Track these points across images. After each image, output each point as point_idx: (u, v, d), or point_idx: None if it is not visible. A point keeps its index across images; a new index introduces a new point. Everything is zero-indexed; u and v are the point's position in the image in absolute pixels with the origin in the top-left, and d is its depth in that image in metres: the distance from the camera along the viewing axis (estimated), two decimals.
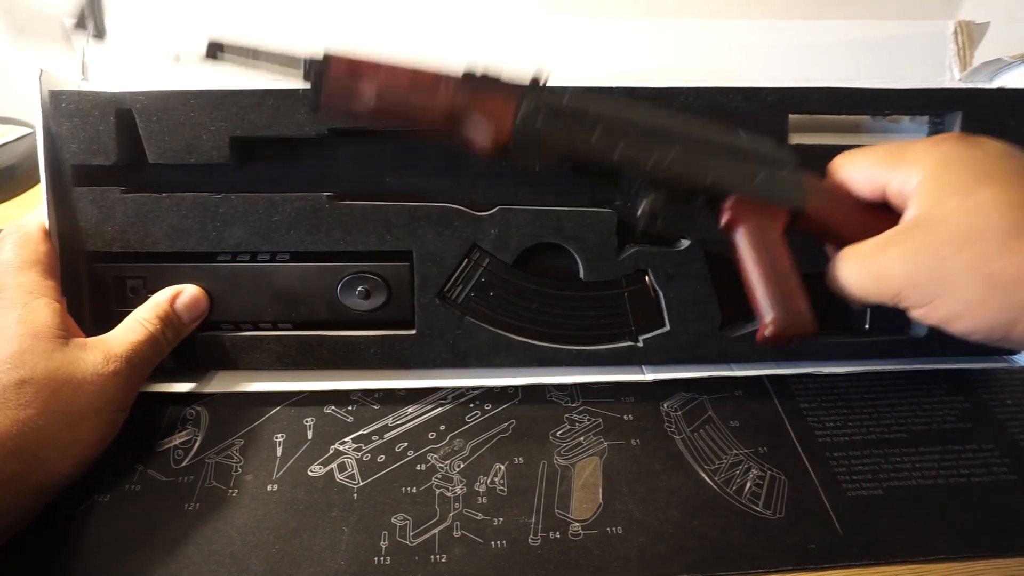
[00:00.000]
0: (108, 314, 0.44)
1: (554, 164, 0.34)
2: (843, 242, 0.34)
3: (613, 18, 0.49)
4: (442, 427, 0.42)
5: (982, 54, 0.49)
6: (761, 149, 0.36)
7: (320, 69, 0.32)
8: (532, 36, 0.49)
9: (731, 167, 0.35)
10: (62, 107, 0.41)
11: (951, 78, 0.49)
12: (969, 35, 0.49)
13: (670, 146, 0.34)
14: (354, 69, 0.33)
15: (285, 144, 0.43)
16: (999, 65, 0.47)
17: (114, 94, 0.41)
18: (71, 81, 0.46)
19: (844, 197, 0.35)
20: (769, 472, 0.39)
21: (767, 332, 0.34)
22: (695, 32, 0.49)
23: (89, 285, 0.43)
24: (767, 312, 0.34)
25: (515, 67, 0.34)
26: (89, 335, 0.38)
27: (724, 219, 0.36)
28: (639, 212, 0.35)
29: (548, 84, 0.34)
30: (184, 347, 0.43)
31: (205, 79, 0.43)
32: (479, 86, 0.33)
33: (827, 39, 0.49)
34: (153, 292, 0.43)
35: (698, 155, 0.35)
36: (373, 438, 0.41)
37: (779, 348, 0.38)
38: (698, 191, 0.35)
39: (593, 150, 0.34)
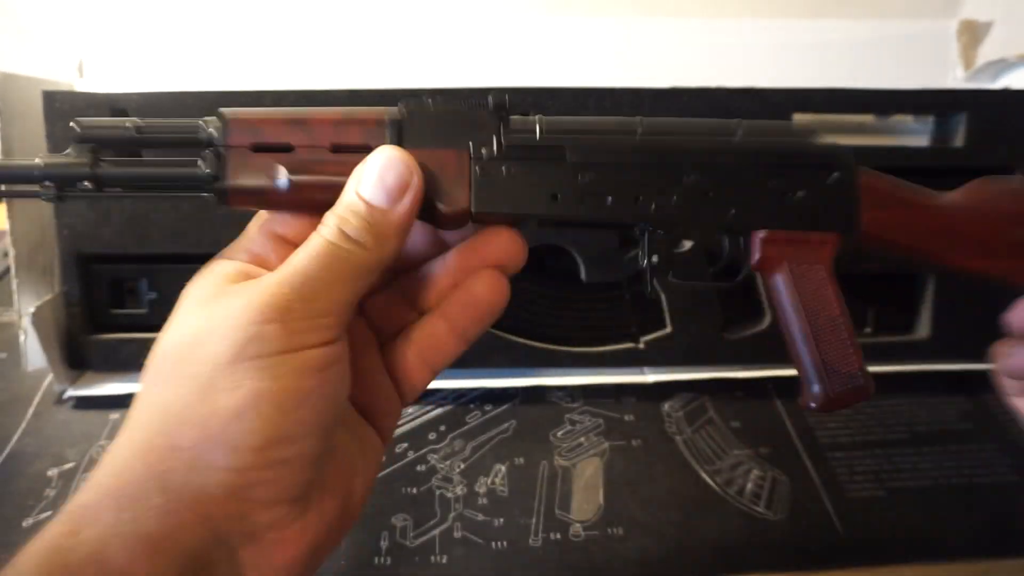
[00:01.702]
0: (106, 316, 0.43)
1: (534, 223, 0.27)
2: (932, 259, 0.28)
3: (613, 18, 0.49)
4: (442, 428, 0.42)
5: (985, 53, 0.48)
6: (798, 145, 0.28)
7: (219, 137, 0.24)
8: (532, 36, 0.49)
9: (754, 190, 0.27)
10: (56, 107, 0.40)
11: (955, 77, 0.49)
12: (972, 34, 0.49)
13: (674, 180, 0.26)
14: (261, 129, 0.24)
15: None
16: (1003, 65, 0.47)
17: (109, 95, 0.41)
18: (65, 81, 0.46)
19: (937, 204, 0.28)
20: (770, 473, 0.39)
21: (813, 403, 0.28)
22: (698, 32, 0.49)
23: (87, 287, 0.43)
24: (813, 381, 0.28)
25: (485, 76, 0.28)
26: (88, 339, 0.37)
27: (753, 261, 0.28)
28: (644, 264, 0.28)
29: (510, 116, 0.26)
30: None
31: (201, 80, 0.43)
32: (423, 136, 0.25)
33: (830, 38, 0.49)
34: (152, 293, 0.43)
35: (714, 182, 0.27)
36: None
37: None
38: (715, 231, 0.28)
39: (579, 199, 0.26)
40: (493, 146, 0.26)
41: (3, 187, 0.25)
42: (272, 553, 0.22)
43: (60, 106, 0.41)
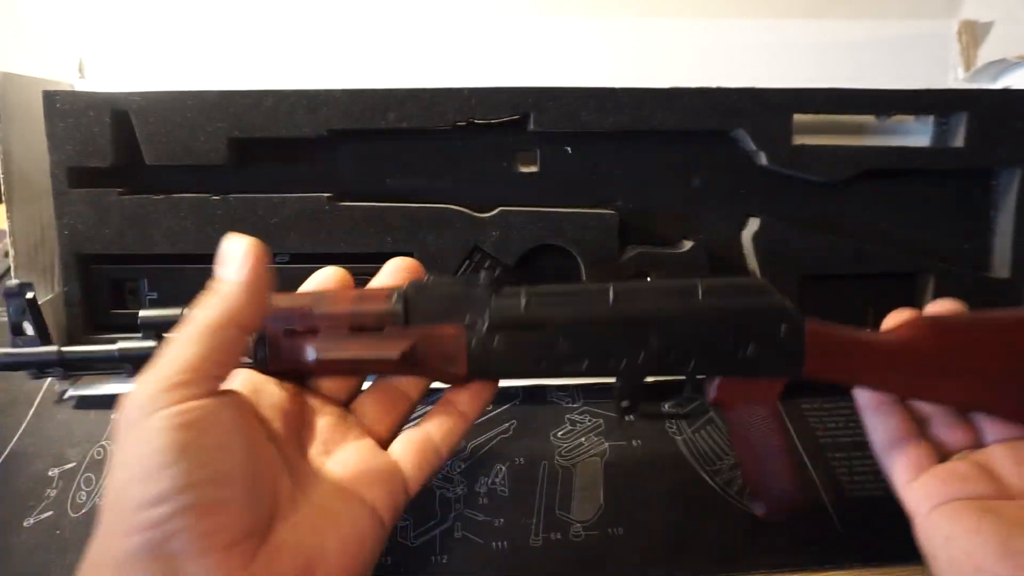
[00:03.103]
0: (106, 316, 0.43)
1: (525, 376, 0.31)
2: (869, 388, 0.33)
3: (613, 18, 0.49)
4: None
5: (985, 54, 0.48)
6: (750, 304, 0.31)
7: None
8: (532, 36, 0.49)
9: (712, 345, 0.30)
10: (56, 107, 0.41)
11: (955, 78, 0.49)
12: (972, 35, 0.49)
13: (641, 342, 0.30)
14: (291, 318, 0.30)
15: (284, 145, 0.42)
16: (1004, 65, 0.47)
17: (109, 94, 0.41)
18: (66, 81, 0.46)
19: (868, 344, 0.32)
20: None
21: (758, 512, 0.34)
22: (698, 32, 0.49)
23: (87, 287, 0.43)
24: (755, 497, 0.34)
25: (513, 76, 0.30)
26: (88, 339, 0.38)
27: (710, 399, 0.33)
28: (617, 402, 0.32)
29: (500, 292, 0.30)
30: None
31: (202, 80, 0.43)
32: (426, 313, 0.30)
33: (830, 38, 0.49)
34: (152, 294, 0.43)
35: (675, 342, 0.30)
36: None
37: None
38: (678, 379, 0.32)
39: (560, 363, 0.30)
40: (485, 320, 0.30)
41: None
42: None
43: (60, 106, 0.41)
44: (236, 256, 0.27)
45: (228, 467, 0.25)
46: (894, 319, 0.33)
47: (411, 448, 0.31)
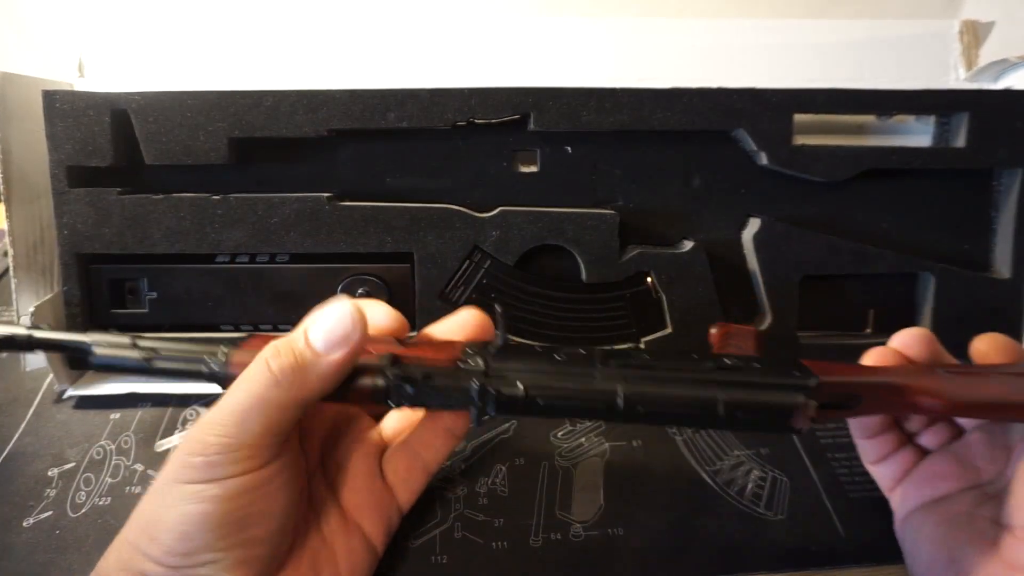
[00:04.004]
0: (106, 317, 0.43)
1: None
2: None
3: (613, 18, 0.49)
4: None
5: (986, 54, 0.48)
6: (771, 411, 0.27)
7: (222, 371, 0.28)
8: (532, 36, 0.49)
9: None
10: (56, 107, 0.40)
11: (956, 78, 0.49)
12: (974, 34, 0.49)
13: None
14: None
15: (284, 145, 0.42)
16: (1005, 65, 0.47)
17: (109, 94, 0.41)
18: (66, 81, 0.46)
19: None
20: (771, 473, 0.39)
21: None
22: (698, 32, 0.49)
23: (86, 287, 0.43)
24: None
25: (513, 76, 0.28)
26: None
27: None
28: None
29: (497, 379, 0.27)
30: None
31: (202, 80, 0.43)
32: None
33: (830, 38, 0.49)
34: (152, 293, 0.43)
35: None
36: None
37: None
38: None
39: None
40: (487, 410, 0.28)
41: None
42: None
43: (60, 106, 0.41)
44: (339, 332, 0.26)
45: (263, 532, 0.26)
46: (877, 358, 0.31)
47: (401, 472, 0.33)
